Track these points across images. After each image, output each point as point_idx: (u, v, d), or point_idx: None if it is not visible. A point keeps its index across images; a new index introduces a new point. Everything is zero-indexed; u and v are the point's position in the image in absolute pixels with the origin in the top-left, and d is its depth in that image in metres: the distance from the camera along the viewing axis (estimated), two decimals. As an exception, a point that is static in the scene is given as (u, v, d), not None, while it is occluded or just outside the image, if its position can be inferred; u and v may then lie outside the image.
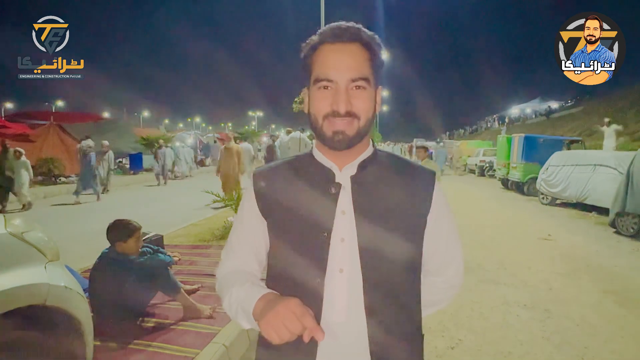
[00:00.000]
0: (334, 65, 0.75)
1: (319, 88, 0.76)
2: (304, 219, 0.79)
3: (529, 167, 10.90)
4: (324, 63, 0.76)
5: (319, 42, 0.77)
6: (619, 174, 7.23)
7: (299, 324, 0.62)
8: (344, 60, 0.75)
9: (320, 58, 0.77)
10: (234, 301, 0.77)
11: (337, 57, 0.75)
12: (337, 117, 0.75)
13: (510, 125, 38.77)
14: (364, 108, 0.76)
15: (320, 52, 0.77)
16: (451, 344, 2.81)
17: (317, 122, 0.78)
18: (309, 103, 0.80)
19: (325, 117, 0.76)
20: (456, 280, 0.93)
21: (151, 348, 2.33)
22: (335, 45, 0.76)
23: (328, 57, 0.76)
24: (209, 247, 4.70)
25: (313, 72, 0.78)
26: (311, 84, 0.78)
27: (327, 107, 0.75)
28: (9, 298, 1.35)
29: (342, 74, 0.74)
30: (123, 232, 2.65)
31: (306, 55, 0.79)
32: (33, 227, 1.65)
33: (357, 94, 0.75)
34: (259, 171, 0.89)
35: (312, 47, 0.79)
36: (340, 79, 0.74)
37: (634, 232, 6.12)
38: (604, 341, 2.87)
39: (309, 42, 0.79)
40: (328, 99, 0.75)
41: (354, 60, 0.75)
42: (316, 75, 0.76)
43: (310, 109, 0.79)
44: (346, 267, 0.77)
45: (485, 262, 4.74)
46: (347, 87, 0.75)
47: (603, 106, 25.66)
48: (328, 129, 0.76)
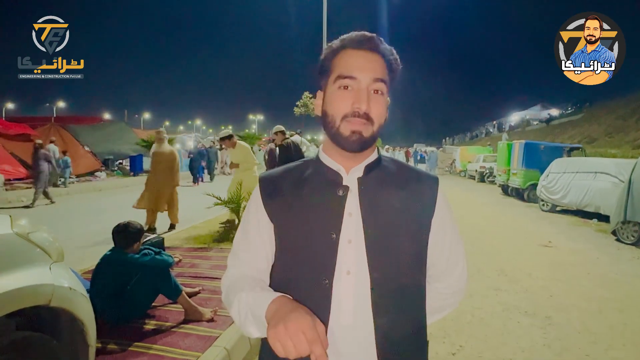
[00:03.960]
0: (358, 65, 0.77)
1: (339, 88, 0.78)
2: (313, 221, 0.80)
3: (530, 173, 10.92)
4: (348, 62, 0.77)
5: (341, 47, 0.80)
6: (619, 182, 7.24)
7: (308, 347, 0.61)
8: (367, 62, 0.77)
9: (342, 60, 0.78)
10: (244, 306, 0.75)
11: (360, 59, 0.77)
12: (356, 117, 0.76)
13: (510, 131, 38.81)
14: (379, 114, 0.78)
15: (343, 54, 0.79)
16: (452, 349, 2.80)
17: (334, 122, 0.78)
18: (326, 104, 0.81)
19: (344, 117, 0.77)
20: (460, 285, 0.93)
21: (152, 350, 2.33)
22: (359, 51, 0.78)
23: (351, 58, 0.78)
24: (210, 249, 4.70)
25: (333, 72, 0.79)
26: (330, 84, 0.80)
27: (347, 107, 0.76)
28: (14, 298, 1.35)
29: (366, 73, 0.76)
30: (135, 237, 2.76)
31: (326, 57, 0.81)
32: (38, 228, 1.65)
33: (375, 99, 0.77)
34: (266, 175, 0.89)
35: (333, 51, 0.80)
36: (363, 77, 0.76)
37: (634, 240, 6.12)
38: (605, 349, 2.86)
39: (331, 45, 0.81)
40: (349, 99, 0.76)
41: (376, 65, 0.78)
42: (339, 73, 0.77)
43: (328, 109, 0.80)
44: (353, 269, 0.77)
45: (486, 269, 4.74)
46: (368, 88, 0.76)
47: (604, 113, 25.69)
48: (346, 128, 0.77)
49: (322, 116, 0.82)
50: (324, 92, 0.82)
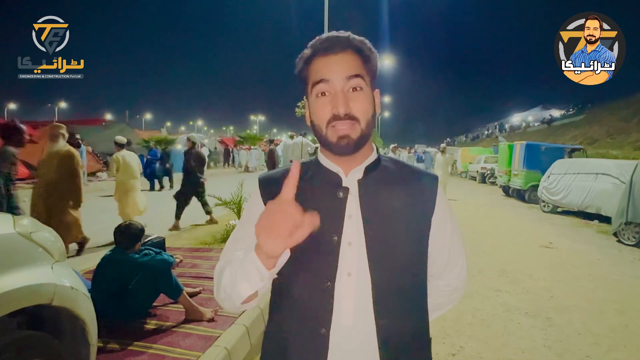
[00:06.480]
0: (328, 69, 0.77)
1: (317, 96, 0.78)
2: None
3: (531, 174, 10.91)
4: (318, 69, 0.78)
5: (311, 55, 0.80)
6: (620, 183, 7.23)
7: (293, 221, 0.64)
8: (337, 63, 0.77)
9: (313, 69, 0.79)
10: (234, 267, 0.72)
11: (329, 62, 0.77)
12: (338, 120, 0.76)
13: (511, 132, 38.82)
14: (363, 109, 0.77)
15: (314, 63, 0.79)
16: (452, 350, 2.80)
17: (320, 130, 0.79)
18: (311, 113, 0.82)
19: (328, 123, 0.77)
20: (459, 282, 0.94)
21: (152, 350, 2.33)
22: (327, 56, 0.78)
23: (320, 64, 0.78)
24: (211, 249, 4.70)
25: (309, 81, 0.80)
26: (309, 93, 0.80)
27: (327, 113, 0.77)
28: (16, 297, 1.35)
29: (336, 74, 0.76)
30: (136, 237, 2.80)
31: (301, 69, 0.82)
32: (41, 228, 1.66)
33: (354, 96, 0.77)
34: (265, 176, 0.90)
35: (305, 61, 0.81)
36: (335, 78, 0.76)
37: (635, 241, 6.11)
38: (606, 350, 2.86)
39: (302, 56, 0.81)
40: (327, 105, 0.77)
41: (348, 64, 0.77)
42: (313, 80, 0.78)
43: (313, 119, 0.81)
44: (354, 271, 0.78)
45: (487, 269, 4.74)
46: (344, 89, 0.76)
47: (605, 115, 25.66)
48: (332, 135, 0.77)
49: (311, 125, 0.83)
50: (308, 102, 0.83)
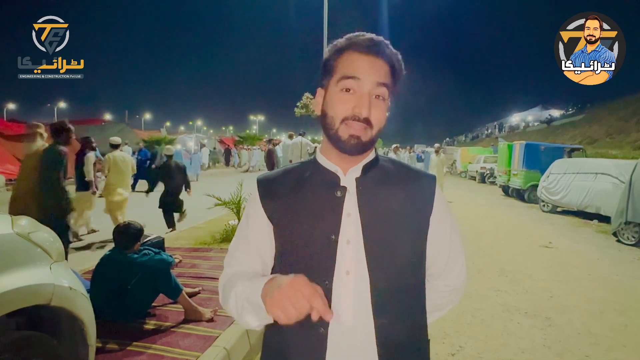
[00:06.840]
0: (362, 68, 0.76)
1: (341, 90, 0.77)
2: (312, 222, 0.80)
3: (530, 174, 10.92)
4: (352, 65, 0.77)
5: (347, 47, 0.78)
6: (620, 183, 7.24)
7: (306, 302, 0.60)
8: (372, 66, 0.76)
9: (347, 62, 0.77)
10: (240, 296, 0.74)
11: (365, 62, 0.76)
12: (355, 120, 0.75)
13: (510, 132, 38.85)
14: (379, 119, 0.78)
15: (349, 56, 0.78)
16: (452, 350, 2.80)
17: (333, 124, 0.78)
18: (326, 104, 0.80)
19: (344, 120, 0.77)
20: (459, 282, 0.93)
21: (151, 350, 2.33)
22: (365, 55, 0.77)
23: (356, 60, 0.77)
24: (210, 250, 4.70)
25: (337, 72, 0.78)
26: (332, 84, 0.79)
27: (347, 111, 0.76)
28: (15, 297, 1.35)
29: (369, 76, 0.76)
30: (135, 237, 2.78)
31: (330, 56, 0.80)
32: (39, 228, 1.66)
33: (377, 104, 0.77)
34: (264, 177, 0.89)
35: (338, 50, 0.79)
36: (366, 81, 0.75)
37: (635, 241, 6.12)
38: (605, 350, 2.86)
39: (336, 44, 0.80)
40: (350, 103, 0.76)
41: (382, 70, 0.77)
42: (343, 74, 0.77)
43: (328, 111, 0.79)
44: (352, 270, 0.77)
45: (486, 269, 4.74)
46: (370, 92, 0.76)
47: (605, 114, 25.69)
48: (344, 132, 0.77)
49: (321, 116, 0.82)
50: (325, 92, 0.81)
